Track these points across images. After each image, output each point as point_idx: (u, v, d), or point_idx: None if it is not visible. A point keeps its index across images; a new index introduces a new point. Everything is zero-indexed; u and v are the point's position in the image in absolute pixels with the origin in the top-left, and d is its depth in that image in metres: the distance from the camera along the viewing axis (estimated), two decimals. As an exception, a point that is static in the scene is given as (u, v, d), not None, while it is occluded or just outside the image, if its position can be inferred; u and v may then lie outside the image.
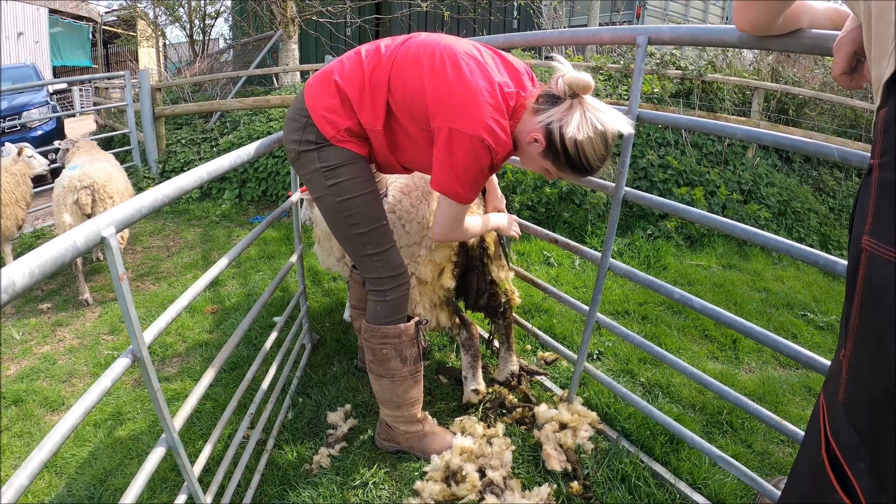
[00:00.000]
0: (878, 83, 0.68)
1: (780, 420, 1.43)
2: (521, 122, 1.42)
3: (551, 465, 1.78)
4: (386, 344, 1.69)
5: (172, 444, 1.18)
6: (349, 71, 1.47)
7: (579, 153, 1.33)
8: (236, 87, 7.39)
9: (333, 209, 1.55)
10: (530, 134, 1.38)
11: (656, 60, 5.76)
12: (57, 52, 15.77)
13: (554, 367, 2.39)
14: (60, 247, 0.83)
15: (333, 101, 1.47)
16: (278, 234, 4.33)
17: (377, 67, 1.43)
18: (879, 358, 0.64)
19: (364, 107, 1.45)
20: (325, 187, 1.52)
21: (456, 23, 9.25)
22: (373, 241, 1.59)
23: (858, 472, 0.67)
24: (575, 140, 1.30)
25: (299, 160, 1.53)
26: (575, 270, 3.61)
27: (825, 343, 2.85)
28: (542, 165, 1.44)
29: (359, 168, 1.53)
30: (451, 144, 1.35)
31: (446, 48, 1.40)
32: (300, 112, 1.50)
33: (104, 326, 3.01)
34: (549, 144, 1.35)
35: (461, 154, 1.35)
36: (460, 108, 1.33)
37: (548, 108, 1.35)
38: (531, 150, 1.41)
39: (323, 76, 1.51)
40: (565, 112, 1.32)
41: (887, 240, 0.62)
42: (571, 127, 1.29)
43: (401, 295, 1.67)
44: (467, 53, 1.40)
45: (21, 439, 2.13)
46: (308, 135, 1.49)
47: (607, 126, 1.32)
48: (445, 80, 1.35)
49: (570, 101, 1.33)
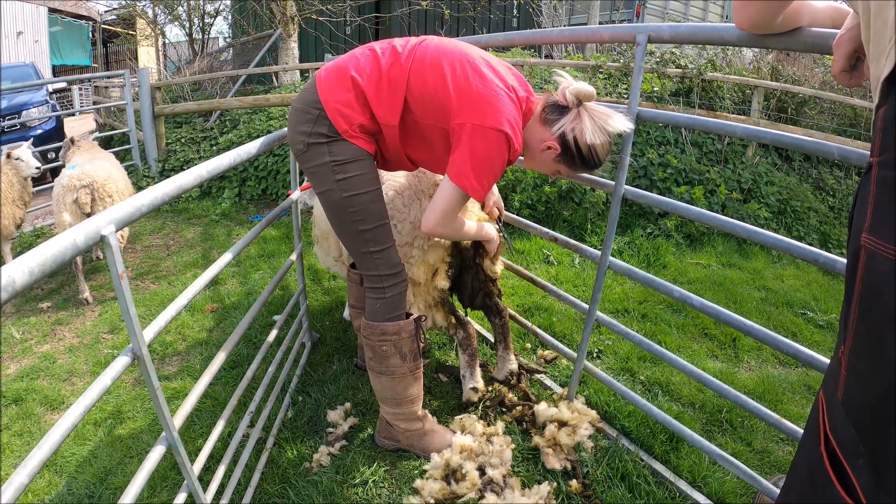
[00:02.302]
0: (876, 81, 0.68)
1: (780, 418, 1.44)
2: (528, 129, 1.54)
3: (551, 464, 1.78)
4: (385, 341, 1.69)
5: (172, 442, 1.18)
6: (365, 66, 1.49)
7: (593, 155, 1.48)
8: (236, 86, 7.39)
9: (339, 204, 1.55)
10: (544, 142, 1.50)
11: (656, 59, 5.76)
12: (56, 51, 15.75)
13: (554, 366, 2.40)
14: (61, 245, 0.83)
15: (348, 94, 1.47)
16: (278, 233, 4.33)
17: (395, 64, 1.47)
18: (878, 355, 0.64)
19: (381, 102, 1.47)
20: (333, 181, 1.52)
21: (456, 21, 9.25)
22: (375, 239, 1.60)
23: (857, 468, 0.67)
24: (590, 145, 1.46)
25: (307, 152, 1.52)
26: (575, 269, 3.61)
27: (825, 341, 2.86)
28: (554, 168, 1.58)
29: (367, 165, 1.54)
30: (475, 139, 1.41)
31: (464, 54, 1.49)
32: (312, 104, 1.50)
33: (104, 325, 3.01)
34: (565, 150, 1.49)
35: (484, 148, 1.41)
36: (485, 107, 1.41)
37: (558, 118, 1.47)
38: (545, 156, 1.53)
39: (337, 70, 1.51)
40: (575, 120, 1.46)
41: (886, 237, 0.62)
42: (588, 135, 1.44)
43: (399, 292, 1.68)
44: (483, 59, 1.49)
45: (21, 438, 2.13)
46: (320, 127, 1.49)
47: (614, 128, 1.46)
48: (468, 81, 1.43)
49: (577, 110, 1.46)
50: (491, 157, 1.42)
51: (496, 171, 1.45)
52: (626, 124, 1.46)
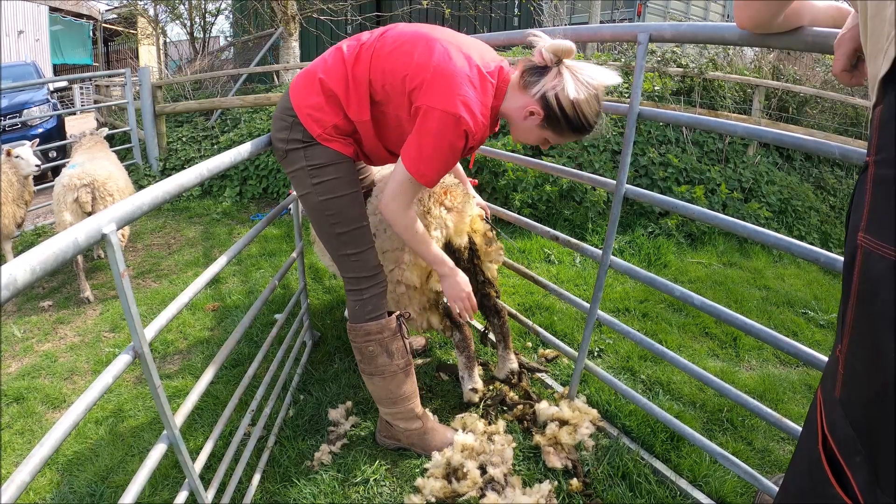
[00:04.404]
0: (873, 80, 0.68)
1: (781, 417, 1.43)
2: (507, 100, 1.46)
3: (552, 463, 1.78)
4: (370, 341, 1.70)
5: (174, 440, 1.18)
6: (332, 67, 1.49)
7: (578, 113, 1.37)
8: (237, 85, 7.39)
9: (316, 207, 1.58)
10: (525, 108, 1.41)
11: (657, 58, 5.74)
12: (57, 50, 15.76)
13: (555, 365, 2.40)
14: (62, 244, 0.83)
15: (318, 98, 1.49)
16: (279, 232, 4.33)
17: (358, 61, 1.46)
18: (875, 353, 0.64)
19: (350, 100, 1.47)
20: (310, 185, 1.55)
21: (457, 20, 9.24)
22: (353, 242, 1.61)
23: (855, 467, 0.67)
24: (573, 101, 1.35)
25: (287, 158, 1.56)
26: (576, 268, 3.61)
27: (825, 341, 2.85)
28: (541, 136, 1.48)
29: (344, 168, 1.56)
30: (426, 121, 1.36)
31: (424, 35, 1.43)
32: (286, 111, 1.53)
33: (105, 324, 3.01)
34: (548, 113, 1.39)
35: (434, 131, 1.35)
36: (438, 87, 1.34)
37: (537, 80, 1.38)
38: (529, 123, 1.44)
39: (307, 75, 1.54)
40: (556, 79, 1.36)
41: (882, 236, 0.62)
42: (570, 89, 1.34)
43: (379, 292, 1.69)
44: (444, 38, 1.43)
45: (22, 436, 2.13)
46: (295, 133, 1.52)
47: (599, 81, 1.36)
48: (425, 62, 1.37)
49: (557, 68, 1.37)
50: (440, 144, 1.36)
51: (447, 157, 1.39)
52: (611, 76, 1.36)
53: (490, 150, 2.45)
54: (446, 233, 1.85)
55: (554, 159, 4.47)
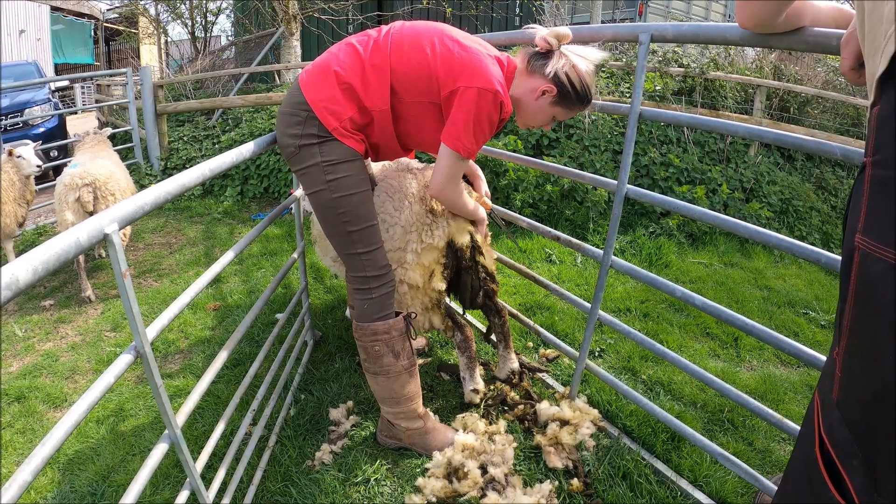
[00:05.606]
0: (871, 79, 0.68)
1: (782, 418, 1.43)
2: (515, 86, 1.60)
3: (553, 463, 1.78)
4: (377, 340, 1.70)
5: (175, 440, 1.18)
6: (346, 60, 1.52)
7: (584, 85, 1.56)
8: (238, 84, 7.40)
9: (329, 205, 1.58)
10: (538, 89, 1.56)
11: (658, 58, 5.74)
12: (59, 50, 15.78)
13: (555, 365, 2.40)
14: (64, 243, 0.83)
15: (333, 91, 1.51)
16: (280, 231, 4.33)
17: (376, 53, 1.51)
18: (872, 355, 0.64)
19: (369, 90, 1.51)
20: (324, 182, 1.55)
21: (458, 20, 9.24)
22: (363, 240, 1.62)
23: (851, 469, 0.67)
24: (584, 74, 1.55)
25: (299, 154, 1.55)
26: (577, 268, 3.61)
27: (826, 341, 2.85)
28: (550, 114, 1.62)
29: (357, 166, 1.57)
30: (464, 100, 1.46)
31: (439, 29, 1.56)
32: (298, 106, 1.52)
33: (106, 323, 3.02)
34: (561, 90, 1.55)
35: (474, 107, 1.46)
36: (471, 70, 1.46)
37: (545, 63, 1.55)
38: (542, 102, 1.58)
39: (319, 68, 1.55)
40: (563, 58, 1.54)
41: (879, 238, 0.62)
42: (581, 65, 1.54)
43: (387, 292, 1.69)
44: (458, 32, 1.57)
45: (24, 436, 2.14)
46: (309, 128, 1.51)
47: (595, 58, 1.58)
48: (450, 52, 1.49)
49: (559, 51, 1.55)
50: (480, 118, 1.47)
51: (486, 130, 1.51)
52: (601, 52, 1.58)
53: (491, 149, 2.45)
54: (448, 231, 1.85)
55: (555, 159, 4.47)
